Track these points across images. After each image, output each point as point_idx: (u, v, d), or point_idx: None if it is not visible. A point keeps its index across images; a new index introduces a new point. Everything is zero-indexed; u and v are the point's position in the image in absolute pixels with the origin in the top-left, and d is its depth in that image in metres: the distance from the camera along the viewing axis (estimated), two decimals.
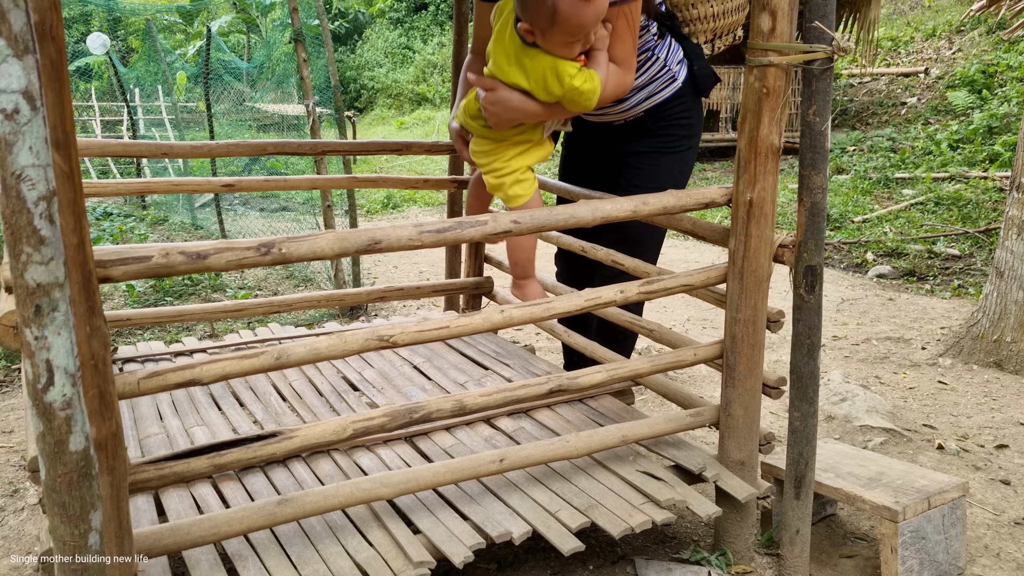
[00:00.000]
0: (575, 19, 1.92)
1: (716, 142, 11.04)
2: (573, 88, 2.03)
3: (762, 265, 1.94)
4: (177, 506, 1.92)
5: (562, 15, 1.91)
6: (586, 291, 1.98)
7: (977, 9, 5.51)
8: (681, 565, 2.07)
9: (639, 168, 2.48)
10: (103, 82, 15.84)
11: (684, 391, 2.39)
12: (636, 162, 2.47)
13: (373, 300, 3.14)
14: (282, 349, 1.63)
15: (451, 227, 1.71)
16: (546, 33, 1.98)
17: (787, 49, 1.76)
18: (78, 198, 1.23)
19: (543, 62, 2.04)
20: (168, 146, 3.05)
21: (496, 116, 2.13)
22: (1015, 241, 3.51)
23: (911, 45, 12.32)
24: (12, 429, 3.15)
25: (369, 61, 23.11)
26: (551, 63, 2.03)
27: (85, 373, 1.30)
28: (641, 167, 2.47)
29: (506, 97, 2.10)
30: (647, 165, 2.47)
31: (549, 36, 1.98)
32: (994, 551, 2.26)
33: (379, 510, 1.92)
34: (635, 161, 2.47)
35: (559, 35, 1.97)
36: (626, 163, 2.48)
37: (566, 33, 1.96)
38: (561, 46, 2.00)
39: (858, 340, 4.11)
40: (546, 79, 2.04)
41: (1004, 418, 3.12)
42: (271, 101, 9.57)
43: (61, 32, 1.15)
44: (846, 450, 2.40)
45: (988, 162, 8.02)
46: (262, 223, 7.83)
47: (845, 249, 6.14)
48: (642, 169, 2.47)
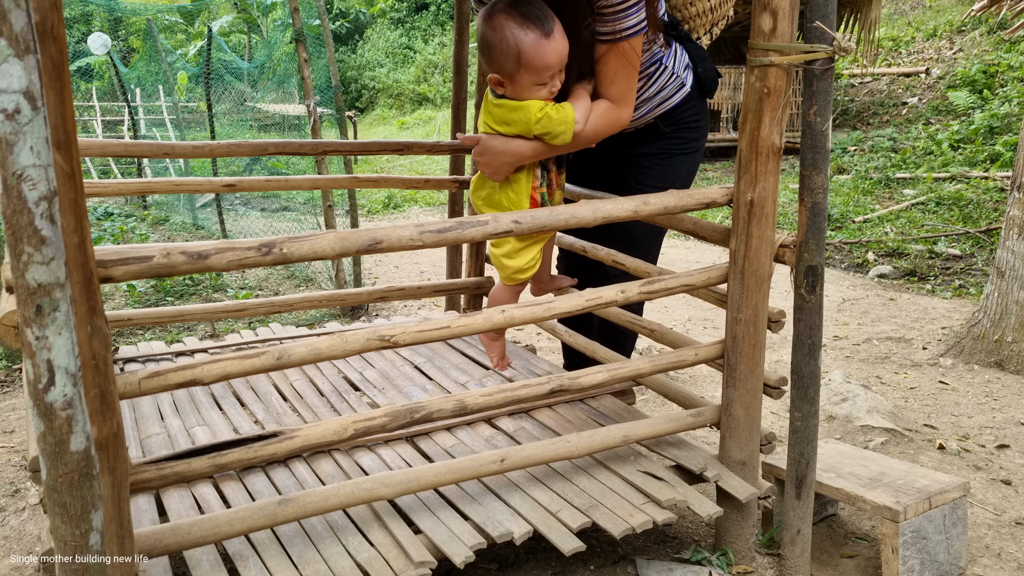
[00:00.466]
0: (539, 58, 1.98)
1: (717, 142, 11.03)
2: (539, 121, 2.05)
3: (763, 265, 1.94)
4: (178, 506, 1.92)
5: (526, 55, 1.97)
6: (587, 291, 1.98)
7: (978, 9, 5.51)
8: (682, 565, 2.07)
9: (649, 168, 2.49)
10: (104, 82, 15.86)
11: (685, 391, 2.39)
12: (646, 162, 2.49)
13: (374, 300, 3.14)
14: (283, 349, 1.63)
15: (452, 227, 1.71)
16: (514, 78, 2.03)
17: (788, 49, 1.76)
18: (79, 198, 1.23)
19: (516, 108, 2.07)
20: (169, 146, 3.05)
21: (489, 166, 2.14)
22: (1016, 241, 3.51)
23: (912, 45, 12.32)
24: (13, 429, 3.15)
25: (370, 61, 23.12)
26: (522, 108, 2.06)
27: (86, 373, 1.30)
28: (651, 167, 2.49)
29: (491, 144, 2.12)
30: (657, 165, 2.49)
31: (517, 80, 2.04)
32: (995, 551, 2.26)
33: (380, 510, 1.92)
34: (645, 161, 2.49)
35: (526, 76, 2.02)
36: (635, 163, 2.49)
37: (532, 73, 2.01)
38: (529, 88, 2.05)
39: (859, 340, 4.11)
40: (520, 122, 2.07)
41: (1005, 418, 3.12)
42: (272, 101, 9.57)
43: (62, 32, 1.15)
44: (847, 450, 2.40)
45: (989, 162, 8.02)
46: (263, 223, 7.83)
47: (846, 249, 6.14)
48: (652, 169, 2.49)
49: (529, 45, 1.97)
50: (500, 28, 1.99)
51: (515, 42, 1.97)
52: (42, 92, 1.03)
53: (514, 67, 2.01)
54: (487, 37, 2.03)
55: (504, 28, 1.99)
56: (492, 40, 2.01)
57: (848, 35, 7.83)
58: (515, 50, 1.98)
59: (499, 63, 2.02)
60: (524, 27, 1.98)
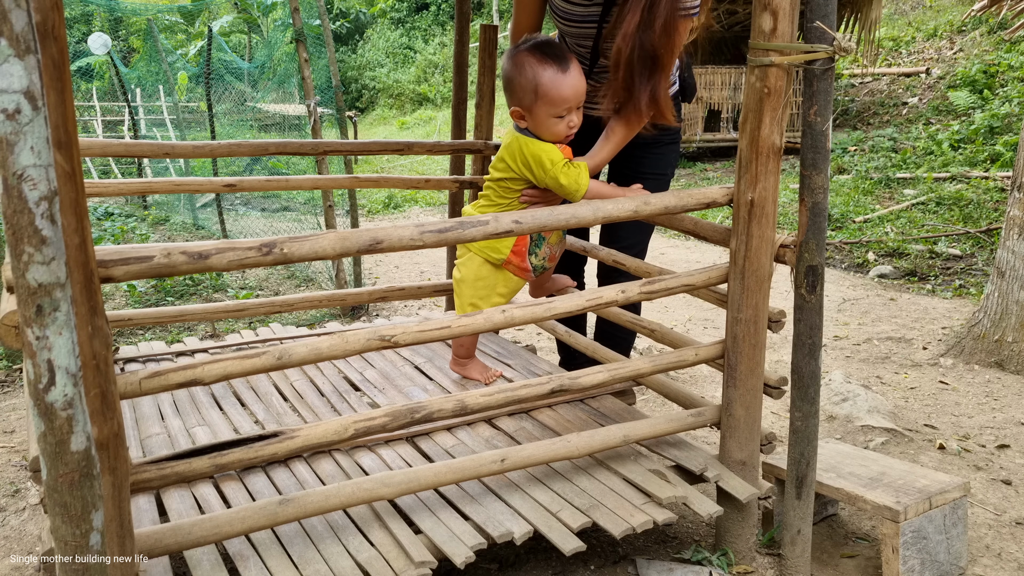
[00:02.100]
0: (555, 90, 2.18)
1: (718, 142, 11.03)
2: (555, 178, 2.23)
3: (763, 265, 1.94)
4: (178, 506, 1.92)
5: (543, 87, 2.18)
6: (587, 291, 1.98)
7: (978, 9, 5.51)
8: (682, 565, 2.07)
9: (643, 156, 2.67)
10: (104, 82, 15.86)
11: (685, 391, 2.39)
12: (640, 152, 2.65)
13: (374, 300, 3.14)
14: (284, 349, 1.63)
15: (453, 227, 1.71)
16: (532, 110, 2.22)
17: (788, 49, 1.76)
18: (80, 198, 1.23)
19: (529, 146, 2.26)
20: (170, 146, 3.05)
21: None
22: (1016, 241, 3.51)
23: (912, 45, 12.32)
24: (14, 429, 3.15)
25: (370, 61, 23.12)
26: (538, 148, 2.24)
27: (87, 373, 1.30)
28: (645, 156, 2.67)
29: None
30: (650, 154, 2.66)
31: (535, 112, 2.22)
32: (995, 551, 2.26)
33: (380, 510, 1.92)
34: (639, 152, 2.64)
35: (543, 108, 2.20)
36: (629, 154, 2.63)
37: (549, 105, 2.19)
38: (546, 121, 2.23)
39: (859, 340, 4.11)
40: (531, 164, 2.25)
41: (1005, 418, 3.12)
42: (272, 101, 9.58)
43: (63, 32, 1.15)
44: (847, 450, 2.39)
45: (989, 162, 8.02)
46: (263, 223, 7.84)
47: (846, 249, 6.14)
48: (646, 158, 2.67)
49: (547, 79, 2.18)
50: (521, 64, 2.21)
51: (533, 76, 2.19)
52: (43, 92, 1.03)
53: (532, 99, 2.20)
54: (509, 72, 2.24)
55: (524, 64, 2.20)
56: (513, 75, 2.23)
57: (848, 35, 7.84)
58: (533, 83, 2.19)
59: (519, 96, 2.23)
60: (542, 63, 2.19)
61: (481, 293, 2.45)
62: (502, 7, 20.59)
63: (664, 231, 7.32)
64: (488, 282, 2.44)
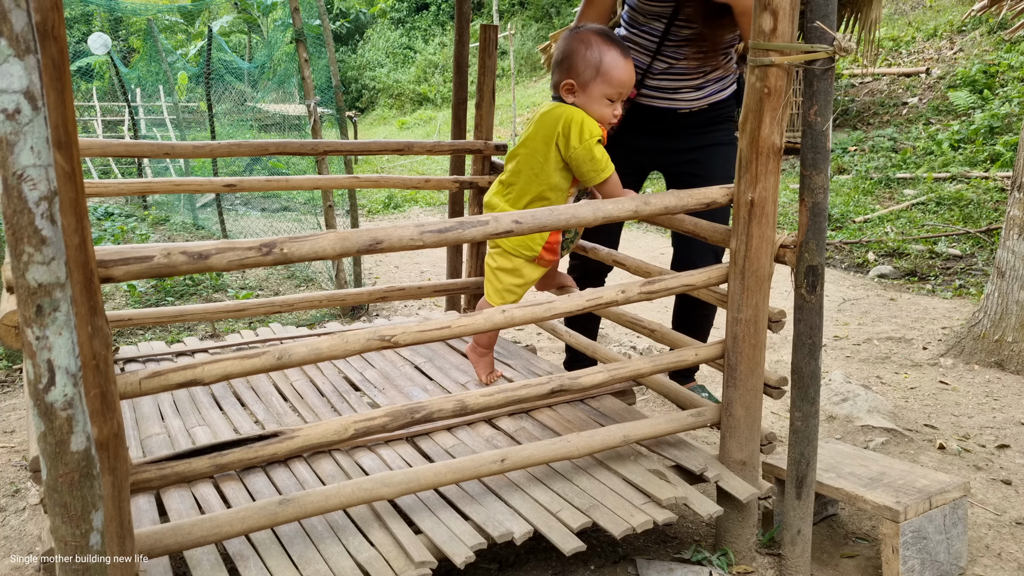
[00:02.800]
0: (616, 71, 2.23)
1: None
2: (589, 150, 2.24)
3: (763, 265, 1.94)
4: (178, 506, 1.92)
5: (606, 65, 2.23)
6: (587, 291, 1.98)
7: (978, 9, 5.51)
8: (682, 565, 2.07)
9: (708, 159, 2.70)
10: (104, 82, 15.86)
11: (685, 391, 2.39)
12: (703, 156, 2.70)
13: (375, 300, 3.14)
14: (284, 349, 1.63)
15: (453, 227, 1.71)
16: (587, 86, 2.26)
17: (789, 49, 1.76)
18: (80, 198, 1.23)
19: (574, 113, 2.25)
20: (170, 146, 3.05)
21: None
22: (1016, 241, 3.51)
23: (912, 45, 12.32)
24: (14, 429, 3.15)
25: (370, 61, 23.12)
26: (582, 116, 2.25)
27: (87, 373, 1.30)
28: (710, 158, 2.70)
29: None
30: (715, 156, 2.70)
31: (590, 89, 2.26)
32: (995, 551, 2.26)
33: (380, 510, 1.92)
34: (701, 155, 2.71)
35: (600, 87, 2.24)
36: (691, 159, 2.70)
37: (607, 85, 2.24)
38: (599, 100, 2.27)
39: (859, 340, 4.11)
40: (570, 131, 2.24)
41: (1005, 418, 3.12)
42: (272, 101, 9.57)
43: (63, 32, 1.15)
44: (847, 450, 2.39)
45: (989, 162, 8.01)
46: (263, 223, 7.83)
47: (846, 249, 6.14)
48: (712, 159, 2.72)
49: (611, 58, 2.23)
50: (587, 40, 2.24)
51: (599, 53, 2.23)
52: (43, 92, 1.03)
53: (592, 75, 2.24)
54: (572, 45, 2.26)
55: (591, 41, 2.24)
56: (576, 48, 2.25)
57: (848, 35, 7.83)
58: (597, 60, 2.23)
59: (578, 70, 2.25)
60: (608, 45, 2.24)
61: (517, 281, 2.48)
62: (502, 7, 20.60)
63: (664, 231, 7.32)
64: (522, 272, 2.47)
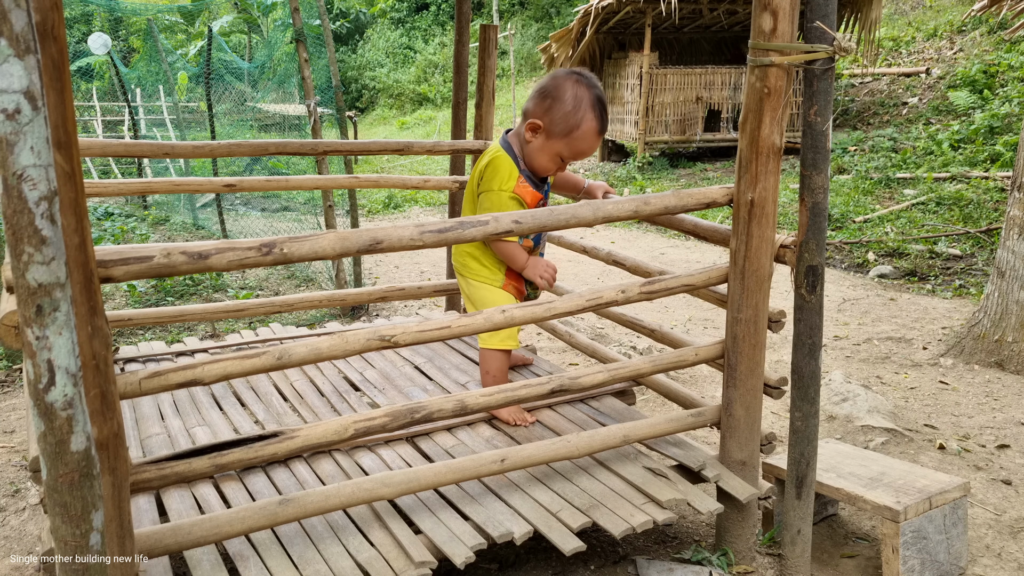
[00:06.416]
0: (585, 142, 2.23)
1: (717, 142, 11.04)
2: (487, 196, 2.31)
3: (763, 265, 1.94)
4: (178, 506, 1.92)
5: (580, 131, 2.22)
6: (587, 291, 1.98)
7: (978, 9, 5.51)
8: (682, 565, 2.07)
9: None
10: (104, 82, 15.86)
11: (685, 391, 2.39)
12: None
13: (374, 300, 3.14)
14: (283, 349, 1.63)
15: (452, 227, 1.71)
16: (552, 138, 2.25)
17: (789, 49, 1.76)
18: (79, 198, 1.23)
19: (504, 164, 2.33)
20: (170, 146, 3.05)
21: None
22: (1016, 241, 3.51)
23: (912, 45, 12.32)
24: (14, 429, 3.15)
25: (370, 61, 23.13)
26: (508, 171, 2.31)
27: (87, 373, 1.30)
28: None
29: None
30: None
31: (552, 142, 2.25)
32: (995, 551, 2.26)
33: (380, 510, 1.92)
34: None
35: (562, 144, 2.24)
36: None
37: (569, 146, 2.24)
38: (551, 154, 2.27)
39: (859, 340, 4.11)
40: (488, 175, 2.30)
41: (1005, 418, 3.12)
42: (272, 101, 9.57)
43: (63, 32, 1.15)
44: (847, 450, 2.39)
45: (989, 162, 8.02)
46: (263, 223, 7.83)
47: (846, 249, 6.14)
48: None
49: (588, 126, 2.22)
50: (581, 97, 2.21)
51: (582, 118, 2.20)
52: (42, 92, 1.03)
53: (563, 132, 2.23)
54: (565, 90, 2.22)
55: (583, 102, 2.21)
56: (567, 98, 2.21)
57: (848, 35, 7.84)
58: (577, 122, 2.21)
59: (555, 119, 2.22)
60: (595, 113, 2.21)
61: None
62: (502, 7, 20.60)
63: (664, 231, 7.32)
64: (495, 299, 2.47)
